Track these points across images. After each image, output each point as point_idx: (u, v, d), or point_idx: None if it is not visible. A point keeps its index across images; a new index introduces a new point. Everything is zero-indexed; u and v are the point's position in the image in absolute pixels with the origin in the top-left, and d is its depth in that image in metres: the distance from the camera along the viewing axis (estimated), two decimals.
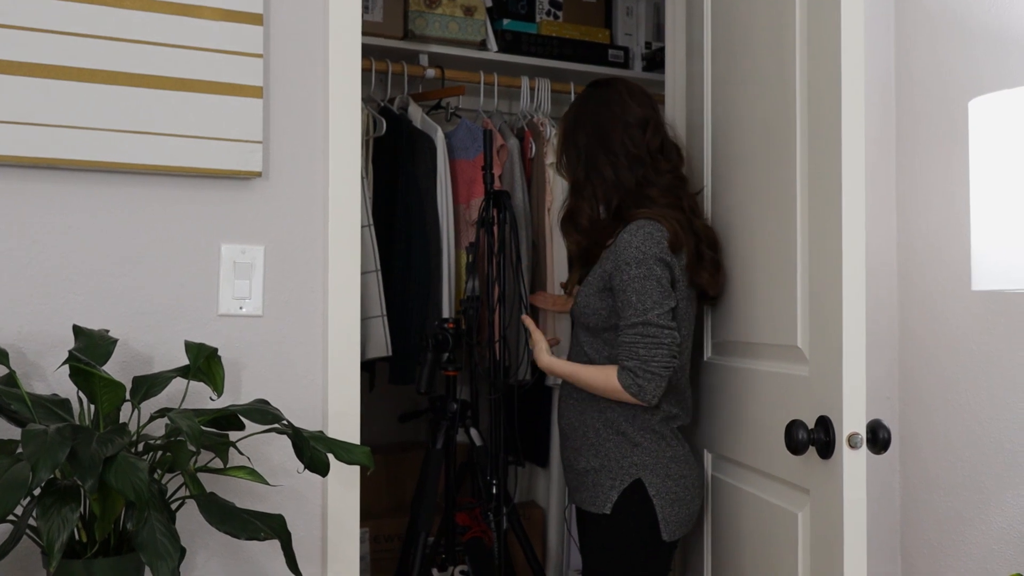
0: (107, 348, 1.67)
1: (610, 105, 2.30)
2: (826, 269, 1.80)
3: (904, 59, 2.34)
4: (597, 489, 2.18)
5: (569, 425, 2.28)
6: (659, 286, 2.10)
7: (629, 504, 2.15)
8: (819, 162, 1.85)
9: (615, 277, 2.13)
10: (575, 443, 2.25)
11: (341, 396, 2.00)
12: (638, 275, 2.10)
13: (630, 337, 2.10)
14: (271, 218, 1.97)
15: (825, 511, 1.79)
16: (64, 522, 1.38)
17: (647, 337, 2.08)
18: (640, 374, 2.08)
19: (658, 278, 2.10)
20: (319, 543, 1.99)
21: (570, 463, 2.29)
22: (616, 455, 2.17)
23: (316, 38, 2.01)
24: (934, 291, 2.24)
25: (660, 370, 2.08)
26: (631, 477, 2.15)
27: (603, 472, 2.18)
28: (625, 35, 3.90)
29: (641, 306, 2.09)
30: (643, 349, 2.08)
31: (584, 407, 2.24)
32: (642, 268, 2.10)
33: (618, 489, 2.15)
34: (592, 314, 2.20)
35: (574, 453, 2.26)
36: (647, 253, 2.11)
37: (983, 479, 2.11)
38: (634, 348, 2.09)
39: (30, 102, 1.74)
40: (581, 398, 2.25)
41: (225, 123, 1.88)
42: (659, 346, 2.08)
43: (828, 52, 1.81)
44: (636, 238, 2.13)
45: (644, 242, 2.12)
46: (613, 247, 2.18)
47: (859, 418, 1.71)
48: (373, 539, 3.29)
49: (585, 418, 2.23)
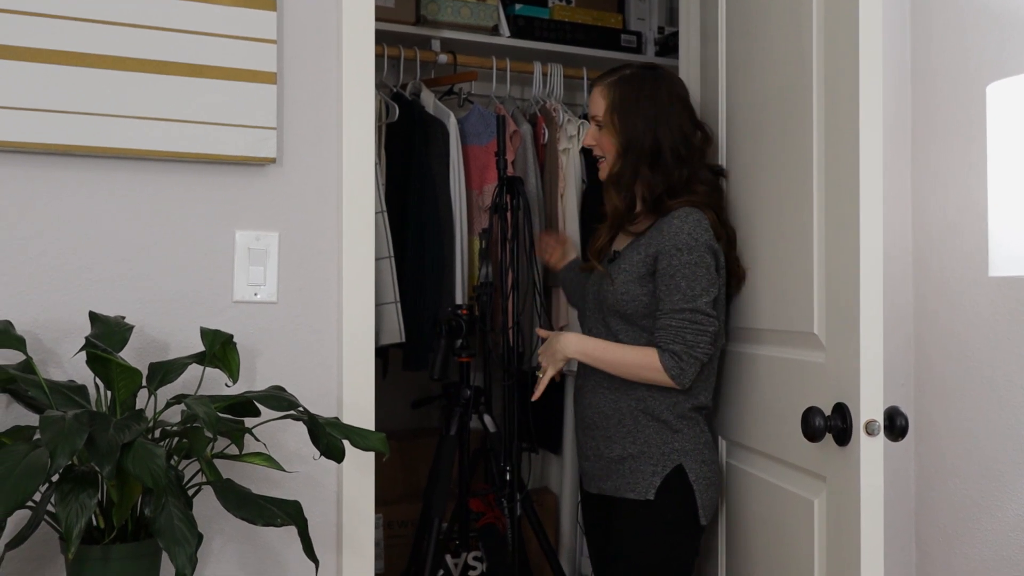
0: (123, 335, 1.68)
1: (669, 96, 2.28)
2: (843, 255, 1.79)
3: (920, 43, 2.32)
4: (637, 476, 2.18)
5: (600, 413, 2.26)
6: (708, 274, 2.14)
7: (670, 490, 2.17)
8: (836, 147, 1.83)
9: (662, 261, 2.15)
10: (607, 431, 2.24)
11: (356, 382, 2.00)
12: (689, 261, 2.13)
13: (677, 321, 2.12)
14: (285, 204, 1.97)
15: (842, 498, 1.78)
16: (82, 508, 1.38)
17: (695, 324, 2.11)
18: (684, 358, 2.11)
19: (707, 266, 2.14)
20: (334, 529, 1.99)
21: (599, 451, 2.27)
22: (656, 441, 2.19)
23: (330, 24, 2.01)
24: (950, 277, 2.23)
25: (702, 356, 2.13)
26: (672, 463, 2.18)
27: (642, 459, 2.19)
28: (638, 20, 3.87)
29: (691, 292, 2.12)
30: (690, 335, 2.11)
31: (618, 395, 2.23)
32: (693, 255, 2.13)
33: (660, 475, 2.17)
34: (631, 301, 2.20)
35: (606, 441, 2.25)
36: (698, 240, 2.14)
37: (999, 466, 2.11)
38: (681, 333, 2.11)
39: (44, 89, 1.74)
40: (613, 386, 2.24)
41: (239, 109, 1.88)
42: (704, 333, 2.12)
43: (846, 36, 1.79)
44: (687, 224, 2.15)
45: (695, 229, 2.15)
46: (655, 233, 2.19)
47: (877, 405, 1.71)
48: (387, 525, 3.29)
49: (620, 406, 2.23)
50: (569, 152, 3.31)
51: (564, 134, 3.30)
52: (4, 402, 1.72)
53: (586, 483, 2.36)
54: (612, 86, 2.30)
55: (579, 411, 2.36)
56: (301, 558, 1.79)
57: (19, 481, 1.33)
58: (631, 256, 2.23)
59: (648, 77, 2.31)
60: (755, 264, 2.21)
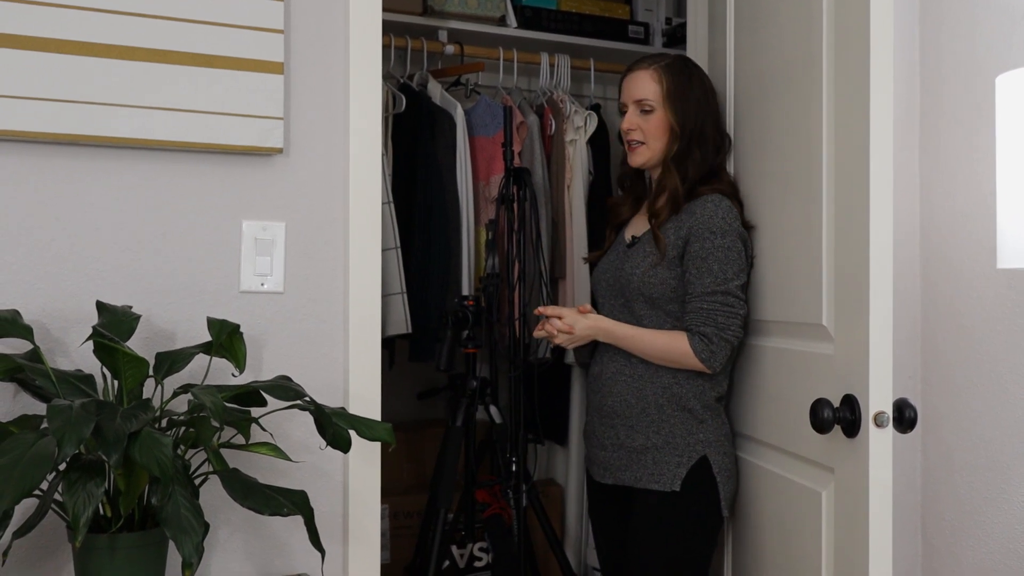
0: (131, 324, 1.68)
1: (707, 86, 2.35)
2: (852, 246, 1.78)
3: (929, 34, 2.31)
4: (661, 467, 2.18)
5: (623, 403, 2.25)
6: (739, 259, 2.17)
7: (696, 481, 2.18)
8: (846, 138, 1.83)
9: (693, 244, 2.16)
10: (630, 421, 2.24)
11: (362, 373, 2.00)
12: (722, 245, 2.15)
13: (709, 304, 2.14)
14: (292, 195, 1.96)
15: (850, 490, 1.78)
16: (89, 497, 1.38)
17: (727, 307, 2.14)
18: (715, 340, 2.13)
19: (739, 251, 2.17)
20: (340, 519, 1.99)
21: (619, 441, 2.26)
22: (682, 432, 2.19)
23: (337, 13, 2.00)
24: (958, 269, 2.22)
25: (733, 339, 2.15)
26: (698, 454, 2.19)
27: (667, 449, 2.19)
28: (645, 11, 3.86)
29: (723, 275, 2.14)
30: (722, 317, 2.13)
31: (643, 384, 2.23)
32: (727, 239, 2.16)
33: (686, 466, 2.18)
34: (659, 284, 2.20)
35: (628, 431, 2.24)
36: (731, 226, 2.17)
37: (1006, 459, 2.10)
38: (712, 315, 2.14)
39: (51, 78, 1.73)
40: (636, 375, 2.24)
41: (246, 99, 1.88)
42: (735, 316, 2.15)
43: (857, 27, 1.78)
44: (720, 209, 2.18)
45: (727, 214, 2.18)
46: (686, 217, 2.20)
47: (886, 397, 1.70)
48: (392, 515, 3.30)
49: (645, 394, 2.22)
50: (576, 143, 3.30)
51: (571, 125, 3.30)
52: (11, 391, 1.72)
53: (598, 474, 2.34)
54: (665, 71, 2.30)
55: (597, 400, 2.34)
56: (307, 548, 1.78)
57: (26, 470, 1.33)
58: (652, 242, 2.23)
59: (692, 66, 2.37)
60: (763, 255, 2.20)
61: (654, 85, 2.29)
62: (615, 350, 2.28)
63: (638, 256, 2.25)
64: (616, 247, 2.40)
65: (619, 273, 2.29)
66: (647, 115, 2.30)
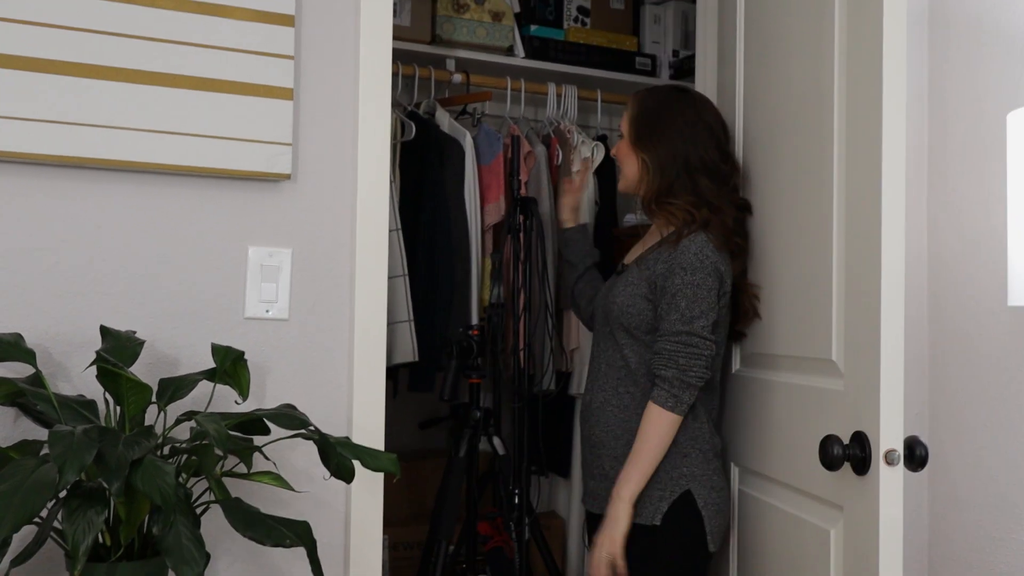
0: (134, 349, 1.66)
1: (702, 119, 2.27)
2: (863, 281, 1.77)
3: (938, 70, 2.31)
4: (643, 500, 2.14)
5: (610, 434, 2.23)
6: (709, 296, 2.12)
7: (678, 515, 2.13)
8: (857, 172, 1.82)
9: (667, 279, 2.14)
10: (615, 451, 2.21)
11: (366, 402, 1.98)
12: (692, 282, 2.11)
13: (672, 345, 2.10)
14: (299, 221, 1.95)
15: (859, 528, 1.75)
16: (89, 525, 1.36)
17: (689, 347, 2.09)
18: (676, 384, 2.08)
19: (709, 288, 2.12)
20: (342, 550, 1.97)
21: (604, 471, 2.23)
22: (665, 466, 2.14)
23: (347, 40, 2.00)
24: (966, 306, 2.20)
25: (696, 381, 2.09)
26: (680, 488, 2.14)
27: (649, 483, 2.15)
28: (653, 43, 3.87)
29: (689, 313, 2.10)
30: (683, 359, 2.09)
31: (629, 415, 2.20)
32: (697, 275, 2.11)
33: (668, 500, 2.14)
34: (636, 314, 2.18)
35: (612, 462, 2.21)
36: (704, 261, 2.13)
37: (1013, 498, 2.08)
38: (675, 357, 2.09)
39: (58, 100, 1.73)
40: (623, 405, 2.21)
41: (255, 124, 1.87)
42: (699, 357, 2.09)
43: (869, 62, 1.78)
44: (694, 244, 2.14)
45: (702, 249, 2.13)
46: (664, 251, 2.18)
47: (896, 434, 1.68)
48: (392, 547, 3.26)
49: (631, 426, 2.19)
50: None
51: (578, 155, 3.29)
52: (12, 416, 1.70)
53: (590, 503, 2.32)
54: (640, 98, 2.32)
55: (587, 430, 2.32)
56: None
57: (27, 497, 1.31)
58: (637, 272, 2.22)
59: (680, 94, 2.33)
60: (772, 290, 2.18)
61: (628, 112, 2.32)
62: (604, 380, 2.27)
63: (620, 285, 2.25)
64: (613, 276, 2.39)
65: (605, 301, 2.29)
66: (621, 141, 2.33)
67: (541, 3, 3.67)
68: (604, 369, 2.28)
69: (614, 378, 2.25)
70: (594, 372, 2.33)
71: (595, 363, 2.33)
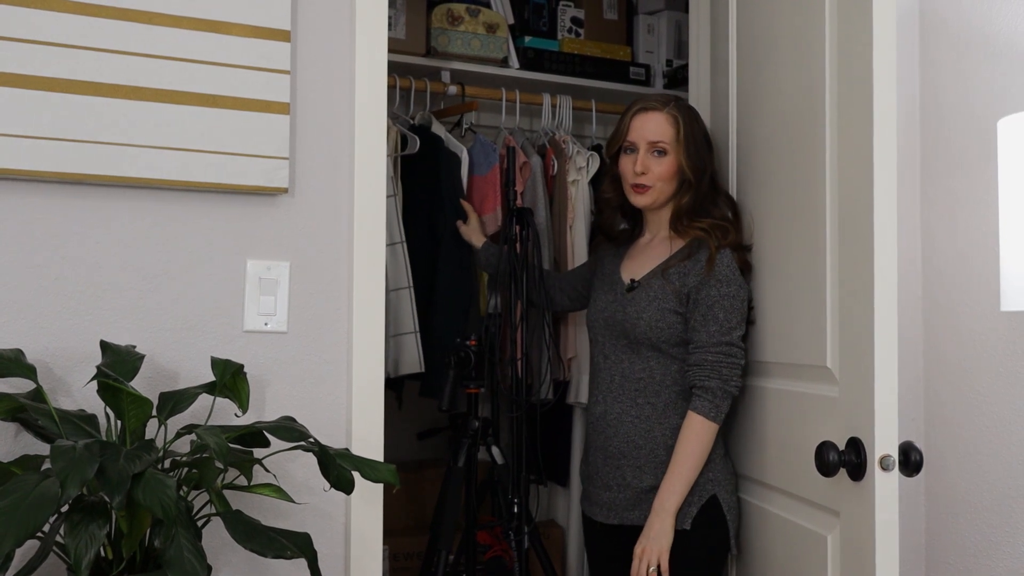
0: (134, 364, 1.67)
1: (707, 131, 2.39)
2: (857, 288, 1.78)
3: (929, 79, 2.33)
4: None
5: (630, 444, 2.25)
6: (742, 308, 2.20)
7: (706, 520, 2.18)
8: (849, 179, 1.83)
9: (700, 292, 2.18)
10: (638, 461, 2.24)
11: (365, 414, 1.99)
12: (728, 294, 2.18)
13: (713, 356, 2.16)
14: (296, 234, 1.97)
15: (856, 534, 1.76)
16: (92, 539, 1.37)
17: (730, 357, 2.16)
18: (719, 394, 2.15)
19: (742, 300, 2.20)
20: (342, 561, 1.98)
21: (626, 482, 2.25)
22: None
23: (343, 54, 2.01)
24: (960, 312, 2.22)
25: (735, 390, 2.18)
26: (708, 493, 2.19)
27: None
28: (646, 52, 3.89)
29: (727, 324, 2.17)
30: (726, 369, 2.16)
31: (651, 425, 2.23)
32: (731, 287, 2.19)
33: (697, 505, 2.18)
34: (667, 328, 2.22)
35: (635, 472, 2.24)
36: (736, 275, 2.21)
37: (1011, 502, 2.09)
38: (718, 367, 2.15)
39: (57, 117, 1.74)
40: (644, 416, 2.24)
41: (252, 139, 1.89)
42: (737, 367, 2.18)
43: (860, 71, 1.79)
44: (725, 258, 2.21)
45: (732, 263, 2.21)
46: (692, 265, 2.22)
47: (891, 440, 1.70)
48: (392, 557, 3.27)
49: (653, 435, 2.23)
50: (578, 183, 3.31)
51: (573, 166, 3.31)
52: (13, 431, 1.71)
53: (602, 515, 2.32)
54: (681, 113, 2.31)
55: (601, 440, 2.32)
56: None
57: (29, 512, 1.32)
58: (664, 285, 2.23)
59: (693, 109, 2.41)
60: (767, 297, 2.20)
61: (670, 128, 2.28)
62: (619, 390, 2.28)
63: (642, 301, 2.25)
64: (611, 287, 2.38)
65: (621, 317, 2.29)
66: (660, 157, 2.28)
67: (535, 14, 3.68)
68: (619, 381, 2.30)
69: (631, 390, 2.27)
70: (604, 384, 2.34)
71: (604, 375, 2.34)
